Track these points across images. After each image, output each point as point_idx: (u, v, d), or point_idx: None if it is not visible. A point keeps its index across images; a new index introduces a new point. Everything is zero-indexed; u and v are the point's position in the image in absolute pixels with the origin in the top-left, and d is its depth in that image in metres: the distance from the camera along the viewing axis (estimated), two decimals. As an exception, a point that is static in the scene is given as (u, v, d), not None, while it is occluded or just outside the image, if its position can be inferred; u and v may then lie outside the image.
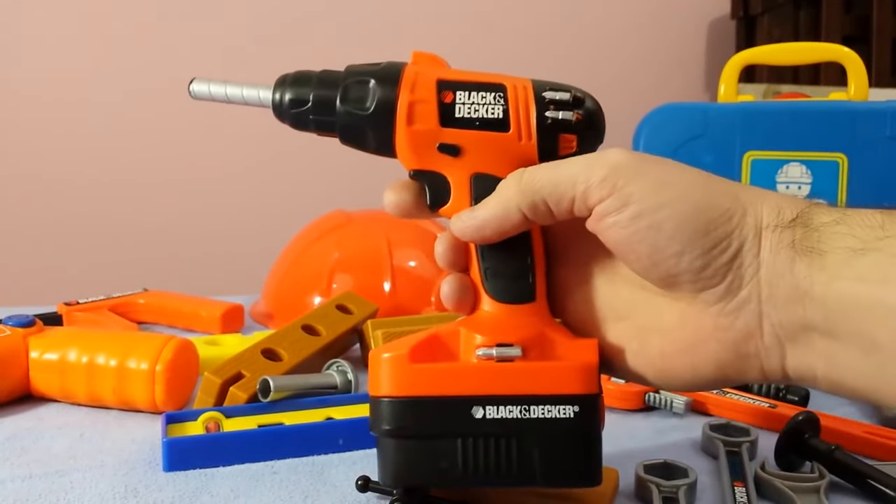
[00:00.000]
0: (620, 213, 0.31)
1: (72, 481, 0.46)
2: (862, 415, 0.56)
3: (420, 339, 0.34)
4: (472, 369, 0.34)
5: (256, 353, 0.58)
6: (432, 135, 0.35)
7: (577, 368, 0.33)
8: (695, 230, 0.31)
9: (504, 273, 0.35)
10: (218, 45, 1.80)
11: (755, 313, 0.31)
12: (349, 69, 0.36)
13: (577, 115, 0.35)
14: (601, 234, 0.33)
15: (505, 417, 0.33)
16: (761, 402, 0.54)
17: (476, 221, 0.34)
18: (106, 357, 0.56)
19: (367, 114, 0.35)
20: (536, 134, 0.34)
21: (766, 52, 0.90)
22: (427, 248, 0.84)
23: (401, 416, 0.34)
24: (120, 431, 0.54)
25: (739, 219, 0.31)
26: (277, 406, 0.54)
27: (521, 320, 0.34)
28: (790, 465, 0.46)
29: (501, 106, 0.34)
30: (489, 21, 1.91)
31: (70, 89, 1.74)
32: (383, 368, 0.34)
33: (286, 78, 0.36)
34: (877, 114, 0.70)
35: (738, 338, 0.31)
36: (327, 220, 0.89)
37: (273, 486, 0.45)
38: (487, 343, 0.34)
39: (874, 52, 1.70)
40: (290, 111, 0.36)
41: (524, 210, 0.33)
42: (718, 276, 0.31)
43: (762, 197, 0.32)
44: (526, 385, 0.33)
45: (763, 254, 0.31)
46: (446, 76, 0.35)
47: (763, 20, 1.90)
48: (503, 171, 0.35)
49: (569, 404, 0.33)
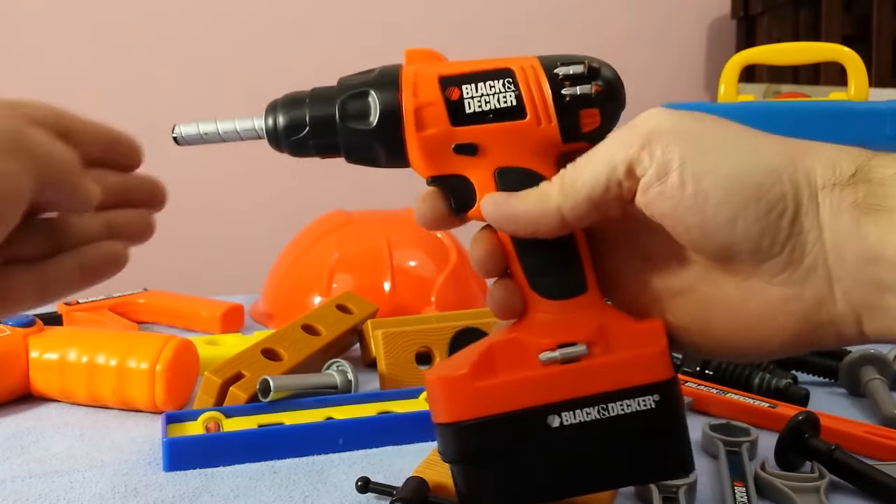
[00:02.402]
0: (663, 183, 0.29)
1: (72, 481, 0.46)
2: (862, 415, 0.56)
3: (476, 354, 0.32)
4: (540, 377, 0.31)
5: (256, 352, 0.58)
6: (445, 137, 0.32)
7: (649, 356, 0.31)
8: (745, 195, 0.28)
9: (550, 267, 0.32)
10: (215, 45, 1.80)
11: (824, 279, 0.29)
12: (342, 82, 0.33)
13: (595, 87, 0.32)
14: (647, 207, 0.30)
15: (583, 421, 0.31)
16: (761, 401, 0.54)
17: (510, 210, 0.31)
18: (106, 357, 0.56)
19: (372, 128, 0.32)
20: (556, 114, 0.32)
21: (766, 52, 0.90)
22: (427, 248, 0.84)
23: (473, 440, 0.31)
24: (120, 431, 0.54)
25: (791, 178, 0.29)
26: (277, 406, 0.54)
27: (578, 314, 0.32)
28: (790, 464, 0.46)
29: (513, 92, 0.32)
30: (488, 22, 1.91)
31: (70, 89, 1.74)
32: (445, 392, 0.32)
33: (276, 103, 0.33)
34: (877, 114, 0.70)
35: (808, 308, 0.29)
36: (327, 220, 0.89)
37: (273, 486, 0.46)
38: (549, 346, 0.31)
39: (874, 52, 1.70)
40: (288, 138, 0.33)
41: (565, 213, 0.31)
42: (778, 244, 0.29)
43: (814, 151, 0.30)
44: (599, 383, 0.31)
45: (823, 216, 0.28)
46: (447, 71, 0.33)
47: (763, 20, 1.90)
48: (527, 161, 0.32)
49: (648, 394, 0.31)
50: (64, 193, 0.29)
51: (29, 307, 0.31)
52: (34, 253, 0.31)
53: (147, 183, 0.35)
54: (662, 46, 2.02)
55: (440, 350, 0.63)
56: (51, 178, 0.28)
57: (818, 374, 0.63)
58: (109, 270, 0.33)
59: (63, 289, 0.32)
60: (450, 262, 0.81)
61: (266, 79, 1.82)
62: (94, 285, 0.33)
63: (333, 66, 1.41)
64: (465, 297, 0.82)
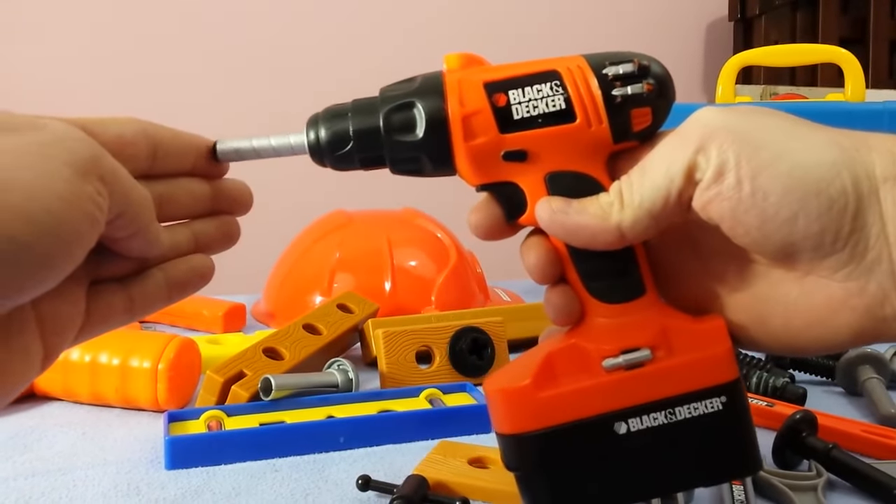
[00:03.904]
0: (720, 184, 0.28)
1: (74, 479, 0.46)
2: (859, 413, 0.57)
3: (536, 364, 0.31)
4: (604, 384, 0.30)
5: (258, 351, 0.58)
6: (494, 145, 0.31)
7: (714, 358, 0.30)
8: (804, 191, 0.28)
9: (607, 272, 0.31)
10: (221, 48, 1.81)
11: (888, 274, 0.28)
12: (384, 93, 0.32)
13: (647, 86, 0.31)
14: (704, 210, 0.29)
15: (651, 426, 0.30)
16: (759, 400, 0.55)
17: (569, 221, 0.30)
18: (109, 356, 0.56)
19: (419, 140, 0.31)
20: (606, 116, 0.31)
21: (763, 53, 0.91)
22: (427, 248, 0.84)
23: (538, 450, 0.31)
24: (122, 430, 0.54)
25: (851, 172, 0.28)
26: (279, 404, 0.54)
27: (639, 318, 0.31)
28: (788, 463, 0.47)
29: (561, 95, 0.31)
30: (487, 22, 1.91)
31: (71, 89, 1.74)
32: (508, 404, 0.31)
33: (317, 117, 0.32)
34: (874, 114, 0.71)
35: (872, 302, 0.28)
36: (328, 220, 0.89)
37: (274, 484, 0.46)
38: (611, 352, 0.31)
39: (871, 53, 1.70)
40: (332, 153, 0.32)
41: (625, 230, 0.30)
42: (841, 239, 0.28)
43: (872, 143, 0.29)
44: (665, 387, 0.30)
45: (886, 209, 0.28)
46: (492, 76, 0.31)
47: (760, 22, 1.90)
48: (578, 164, 0.31)
49: (715, 396, 0.30)
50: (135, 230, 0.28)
51: (118, 325, 0.31)
52: (124, 271, 0.30)
53: (234, 188, 0.34)
54: (660, 48, 2.02)
55: (440, 349, 0.63)
56: (126, 212, 0.27)
57: (815, 373, 0.63)
58: (196, 284, 0.33)
59: (151, 305, 0.31)
60: (450, 262, 0.82)
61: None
62: (181, 299, 0.32)
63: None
64: (465, 296, 0.82)
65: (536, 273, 0.32)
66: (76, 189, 0.24)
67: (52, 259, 0.24)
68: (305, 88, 1.84)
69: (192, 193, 0.33)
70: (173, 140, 0.32)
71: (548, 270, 0.32)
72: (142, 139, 0.30)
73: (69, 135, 0.26)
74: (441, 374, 0.62)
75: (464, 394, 0.59)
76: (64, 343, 0.28)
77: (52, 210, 0.23)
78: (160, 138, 0.31)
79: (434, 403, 0.57)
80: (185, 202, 0.32)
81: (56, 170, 0.24)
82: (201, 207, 0.33)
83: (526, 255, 0.32)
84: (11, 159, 0.23)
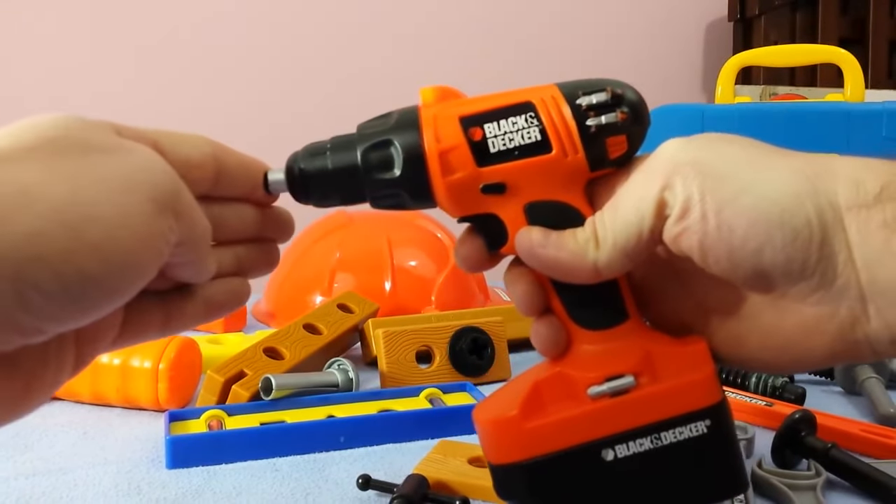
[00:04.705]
0: (686, 219, 0.29)
1: (75, 479, 0.46)
2: (858, 413, 0.57)
3: (523, 393, 0.31)
4: (590, 412, 0.31)
5: (258, 351, 0.58)
6: (472, 179, 0.31)
7: (697, 382, 0.31)
8: (768, 224, 0.28)
9: (589, 299, 0.32)
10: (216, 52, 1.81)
11: (858, 299, 0.29)
12: (361, 130, 0.32)
13: (621, 115, 0.31)
14: (674, 244, 0.30)
15: (637, 452, 0.31)
16: (758, 400, 0.55)
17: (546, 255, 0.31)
18: (109, 356, 0.57)
19: (398, 177, 0.31)
20: (582, 145, 0.31)
21: (763, 53, 0.91)
22: (427, 249, 0.85)
23: (528, 479, 0.31)
24: (123, 429, 0.54)
25: (814, 203, 0.28)
26: (279, 404, 0.54)
27: (622, 343, 0.32)
28: (787, 462, 0.47)
29: (536, 126, 0.31)
30: (487, 23, 1.91)
31: (71, 89, 1.74)
32: (496, 435, 0.32)
33: (296, 156, 0.33)
34: (873, 115, 0.71)
35: (843, 326, 0.29)
36: (329, 221, 0.89)
37: (275, 483, 0.46)
38: (596, 379, 0.31)
39: (870, 53, 1.70)
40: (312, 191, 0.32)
41: (601, 268, 0.30)
42: (809, 268, 0.29)
43: (835, 168, 0.29)
44: (649, 413, 0.31)
45: (851, 237, 0.28)
46: (467, 110, 0.32)
47: (760, 22, 1.90)
48: (556, 193, 0.32)
49: (699, 420, 0.31)
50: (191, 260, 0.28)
51: (151, 339, 0.31)
52: (166, 286, 0.30)
53: (279, 218, 0.34)
54: (660, 48, 2.03)
55: (440, 349, 0.63)
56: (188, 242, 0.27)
57: (814, 373, 0.64)
58: (232, 306, 0.33)
59: (187, 322, 0.32)
60: (450, 262, 0.82)
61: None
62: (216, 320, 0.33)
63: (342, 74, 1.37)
64: (465, 296, 0.82)
65: (523, 304, 0.33)
66: (153, 228, 0.24)
67: (118, 292, 0.24)
68: (304, 88, 1.84)
69: (243, 218, 0.33)
70: (238, 166, 0.32)
71: (533, 301, 0.33)
72: (210, 162, 0.30)
73: (154, 166, 0.26)
74: (441, 373, 0.63)
75: (464, 393, 0.59)
76: (96, 352, 0.29)
77: (129, 249, 0.23)
78: (226, 163, 0.31)
79: (434, 403, 0.57)
80: (234, 226, 0.32)
81: (138, 205, 0.24)
82: (249, 232, 0.33)
83: (510, 287, 0.33)
84: (94, 193, 0.23)
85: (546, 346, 0.32)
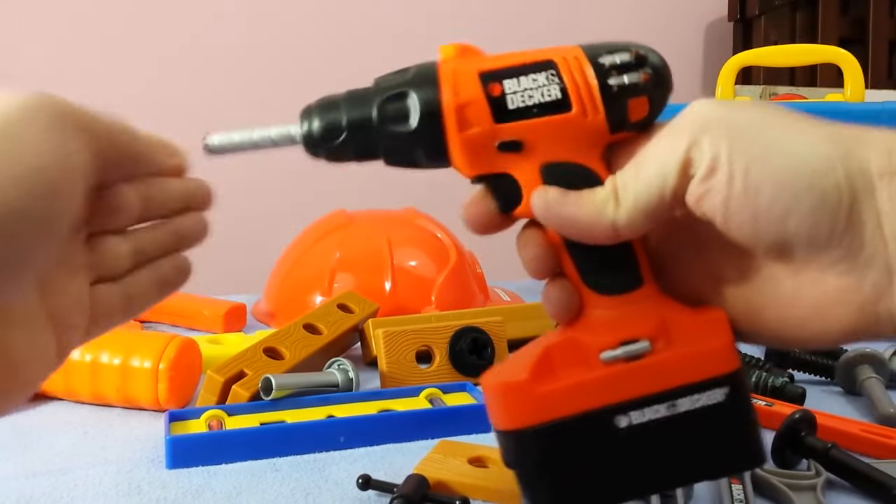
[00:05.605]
0: (711, 179, 0.28)
1: (75, 479, 0.46)
2: (858, 413, 0.57)
3: (533, 357, 0.30)
4: (603, 377, 0.30)
5: (258, 351, 0.58)
6: (489, 135, 0.30)
7: (715, 349, 0.30)
8: (798, 185, 0.27)
9: (604, 262, 0.31)
10: (220, 45, 1.81)
11: (884, 271, 0.28)
12: (378, 83, 0.32)
13: (644, 76, 0.31)
14: (698, 205, 0.29)
15: (652, 419, 0.30)
16: (758, 400, 0.55)
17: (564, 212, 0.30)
18: (109, 355, 0.56)
19: (413, 130, 0.31)
20: (603, 105, 0.30)
21: (763, 53, 0.91)
22: (427, 248, 0.85)
23: (537, 446, 0.30)
24: (123, 429, 0.54)
25: (845, 167, 0.27)
26: (279, 404, 0.54)
27: (637, 309, 0.31)
28: (787, 462, 0.47)
29: (557, 84, 0.30)
30: (487, 23, 1.91)
31: (72, 90, 1.74)
32: (505, 399, 0.30)
33: (311, 108, 0.32)
34: (873, 115, 0.71)
35: (866, 299, 0.28)
36: (329, 220, 0.89)
37: (275, 484, 0.46)
38: (610, 344, 0.30)
39: (871, 53, 1.70)
40: (325, 144, 0.31)
41: (620, 227, 0.30)
42: (836, 235, 0.27)
43: (867, 138, 0.28)
44: (666, 379, 0.30)
45: (881, 206, 0.27)
46: (487, 66, 0.31)
47: (760, 22, 1.91)
48: (574, 154, 0.31)
49: (717, 387, 0.30)
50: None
51: (117, 323, 0.32)
52: (119, 271, 0.32)
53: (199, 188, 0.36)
54: (660, 48, 1.99)
55: (440, 349, 0.63)
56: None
57: (814, 373, 0.64)
58: (180, 281, 0.35)
59: (145, 302, 0.33)
60: (450, 261, 0.82)
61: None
62: (168, 297, 0.34)
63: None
64: (465, 296, 0.82)
65: (533, 266, 0.32)
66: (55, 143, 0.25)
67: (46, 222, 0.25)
68: (304, 89, 1.84)
69: (169, 192, 0.34)
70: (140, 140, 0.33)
71: (544, 263, 0.32)
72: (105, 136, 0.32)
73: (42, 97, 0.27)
74: (441, 373, 0.63)
75: (464, 393, 0.59)
76: (73, 339, 0.30)
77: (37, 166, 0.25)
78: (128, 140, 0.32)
79: (434, 403, 0.57)
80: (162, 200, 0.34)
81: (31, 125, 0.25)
82: (177, 204, 0.34)
83: (522, 249, 0.32)
84: None
85: (558, 311, 0.31)
